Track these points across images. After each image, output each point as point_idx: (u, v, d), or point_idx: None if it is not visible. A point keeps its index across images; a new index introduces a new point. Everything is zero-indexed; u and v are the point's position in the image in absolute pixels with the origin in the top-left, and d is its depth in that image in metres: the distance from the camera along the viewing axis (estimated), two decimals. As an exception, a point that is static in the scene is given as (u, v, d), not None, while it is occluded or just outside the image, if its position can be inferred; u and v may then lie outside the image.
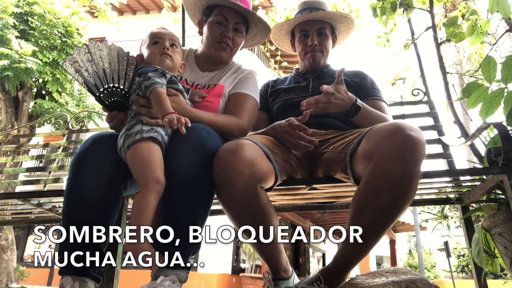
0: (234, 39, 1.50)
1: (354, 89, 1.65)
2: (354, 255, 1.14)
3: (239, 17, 1.50)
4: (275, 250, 1.29)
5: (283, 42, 1.89)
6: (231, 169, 1.07)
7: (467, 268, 10.60)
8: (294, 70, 1.86)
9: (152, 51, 1.29)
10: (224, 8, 1.49)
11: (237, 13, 1.49)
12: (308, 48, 1.70)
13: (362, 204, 1.08)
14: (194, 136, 1.13)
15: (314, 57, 1.70)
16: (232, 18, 1.48)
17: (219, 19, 1.48)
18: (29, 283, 8.03)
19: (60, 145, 2.30)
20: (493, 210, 1.37)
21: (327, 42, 1.72)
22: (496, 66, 1.40)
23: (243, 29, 1.54)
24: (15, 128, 4.64)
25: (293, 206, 1.78)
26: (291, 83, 1.77)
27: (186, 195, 1.07)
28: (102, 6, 4.80)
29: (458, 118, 2.08)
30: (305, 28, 1.71)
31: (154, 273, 1.06)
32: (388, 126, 1.08)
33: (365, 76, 1.70)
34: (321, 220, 11.60)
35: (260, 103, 1.68)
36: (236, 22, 1.49)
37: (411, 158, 1.02)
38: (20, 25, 6.23)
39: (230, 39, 1.49)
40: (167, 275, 1.03)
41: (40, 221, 2.10)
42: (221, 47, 1.49)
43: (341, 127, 1.50)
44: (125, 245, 1.04)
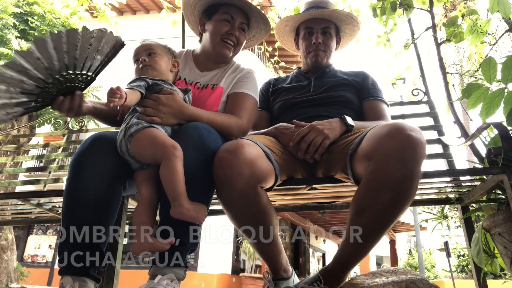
0: (239, 37, 1.53)
1: (355, 88, 1.65)
2: (354, 255, 1.14)
3: (244, 17, 1.54)
4: (275, 250, 1.29)
5: (287, 39, 1.88)
6: (231, 169, 1.07)
7: (467, 268, 10.60)
8: (296, 69, 1.85)
9: (136, 68, 1.32)
10: (231, 7, 1.51)
11: (243, 13, 1.53)
12: (312, 46, 1.69)
13: (362, 204, 1.08)
14: (194, 135, 1.14)
15: (317, 56, 1.70)
16: (239, 17, 1.52)
17: (226, 17, 1.50)
18: (29, 283, 8.03)
19: (60, 145, 2.30)
20: (493, 210, 1.37)
21: (331, 41, 1.72)
22: (496, 66, 1.40)
23: (246, 29, 1.57)
24: (15, 128, 4.64)
25: (293, 206, 1.79)
26: (293, 82, 1.76)
27: None
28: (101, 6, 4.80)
29: (458, 118, 2.08)
30: (310, 26, 1.70)
31: (151, 271, 1.06)
32: (388, 126, 1.08)
33: (366, 77, 1.70)
34: (321, 220, 11.59)
35: (261, 101, 1.68)
36: (242, 22, 1.53)
37: (412, 158, 1.02)
38: (20, 25, 6.23)
39: (235, 37, 1.51)
40: (165, 273, 1.04)
41: (40, 221, 2.10)
42: (225, 44, 1.51)
43: None
44: None
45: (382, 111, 1.58)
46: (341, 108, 1.54)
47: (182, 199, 1.03)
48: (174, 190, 1.04)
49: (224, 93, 1.48)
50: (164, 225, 1.06)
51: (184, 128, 1.18)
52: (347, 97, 1.59)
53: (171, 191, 1.04)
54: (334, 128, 1.31)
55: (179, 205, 1.03)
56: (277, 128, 1.41)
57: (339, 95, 1.59)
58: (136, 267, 9.23)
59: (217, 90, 1.47)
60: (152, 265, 1.07)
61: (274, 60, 4.36)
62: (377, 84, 1.69)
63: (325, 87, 1.63)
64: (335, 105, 1.56)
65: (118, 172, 1.16)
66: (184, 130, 1.17)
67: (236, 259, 10.39)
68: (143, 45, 1.36)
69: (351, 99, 1.60)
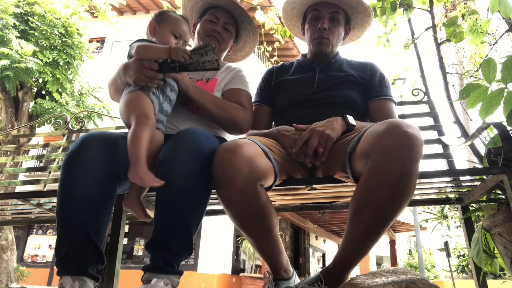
0: (223, 35, 1.61)
1: (361, 86, 1.57)
2: (354, 255, 1.14)
3: (229, 18, 1.63)
4: (275, 250, 1.28)
5: (294, 24, 1.78)
6: (230, 167, 1.07)
7: (467, 268, 10.60)
8: (301, 56, 1.75)
9: None
10: (217, 9, 1.61)
11: (228, 14, 1.62)
12: (317, 31, 1.59)
13: (361, 203, 1.08)
14: (191, 141, 1.14)
15: (321, 44, 1.59)
16: (223, 17, 1.62)
17: (211, 18, 1.61)
18: (29, 283, 8.03)
19: (60, 145, 2.30)
20: (493, 210, 1.37)
21: (338, 29, 1.60)
22: (496, 67, 1.40)
23: (232, 30, 1.65)
24: (15, 128, 4.64)
25: (293, 206, 1.78)
26: (296, 72, 1.68)
27: (180, 201, 1.09)
28: (102, 6, 4.80)
29: (458, 118, 2.08)
30: (317, 8, 1.59)
31: (145, 277, 1.07)
32: (385, 124, 1.08)
33: (374, 72, 1.60)
34: (321, 220, 11.60)
35: (261, 94, 1.70)
36: (226, 22, 1.62)
37: (408, 155, 1.01)
38: (21, 25, 6.23)
39: (219, 34, 1.59)
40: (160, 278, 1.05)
41: (40, 221, 2.10)
42: (210, 39, 1.59)
43: None
44: None
45: (389, 112, 1.52)
46: (344, 110, 1.47)
47: (140, 165, 1.09)
48: (134, 154, 1.11)
49: (219, 85, 1.54)
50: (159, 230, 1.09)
51: (181, 133, 1.18)
52: (352, 97, 1.53)
53: (131, 154, 1.12)
54: (335, 128, 1.30)
55: (135, 170, 1.08)
56: (279, 130, 1.40)
57: (343, 95, 1.53)
58: (136, 267, 9.23)
59: (211, 82, 1.55)
60: (145, 272, 1.08)
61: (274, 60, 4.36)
62: (385, 80, 1.60)
63: (329, 84, 1.56)
64: (338, 106, 1.50)
65: (110, 169, 1.16)
66: (182, 135, 1.17)
67: (236, 259, 10.39)
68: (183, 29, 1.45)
69: (356, 99, 1.53)
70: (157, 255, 1.08)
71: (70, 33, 6.56)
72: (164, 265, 1.07)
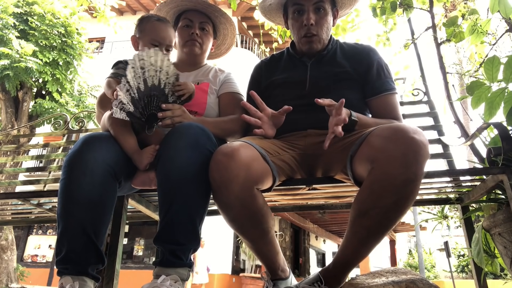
0: (202, 37, 1.62)
1: (357, 83, 1.45)
2: (354, 256, 1.14)
3: (203, 17, 1.63)
4: (272, 251, 1.29)
5: (275, 15, 1.62)
6: (227, 172, 1.07)
7: (467, 268, 10.60)
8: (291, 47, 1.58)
9: None
10: (188, 12, 1.63)
11: (201, 14, 1.62)
12: (303, 28, 1.44)
13: (365, 207, 1.08)
14: (189, 134, 1.14)
15: (310, 43, 1.46)
16: (197, 18, 1.61)
17: (185, 23, 1.62)
18: (29, 283, 8.03)
19: (60, 145, 2.30)
20: (493, 210, 1.36)
21: (325, 20, 1.45)
22: (499, 66, 1.39)
23: (210, 28, 1.65)
24: (15, 128, 4.65)
25: (293, 206, 1.78)
26: (287, 68, 1.54)
27: (181, 193, 1.09)
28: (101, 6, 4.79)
29: (458, 118, 2.08)
30: (299, 2, 1.44)
31: (156, 272, 1.08)
32: (391, 129, 1.07)
33: (371, 63, 1.45)
34: (321, 220, 11.60)
35: None
36: (201, 21, 1.62)
37: (415, 161, 1.01)
38: (20, 25, 6.24)
39: (198, 36, 1.60)
40: (169, 274, 1.05)
41: (40, 221, 2.10)
42: (191, 43, 1.60)
43: None
44: None
45: (391, 108, 1.43)
46: None
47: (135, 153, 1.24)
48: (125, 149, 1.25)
49: (211, 87, 1.56)
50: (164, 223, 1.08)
51: (178, 128, 1.18)
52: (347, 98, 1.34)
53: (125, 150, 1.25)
54: None
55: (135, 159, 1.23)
56: None
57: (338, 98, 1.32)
58: (136, 267, 9.23)
59: (202, 84, 1.57)
60: (156, 266, 1.09)
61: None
62: (384, 69, 1.46)
63: (322, 85, 1.44)
64: None
65: (111, 170, 1.17)
66: (179, 130, 1.17)
67: (236, 259, 10.39)
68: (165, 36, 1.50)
69: (352, 100, 1.41)
70: (164, 248, 1.08)
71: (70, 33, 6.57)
72: (172, 258, 1.07)
